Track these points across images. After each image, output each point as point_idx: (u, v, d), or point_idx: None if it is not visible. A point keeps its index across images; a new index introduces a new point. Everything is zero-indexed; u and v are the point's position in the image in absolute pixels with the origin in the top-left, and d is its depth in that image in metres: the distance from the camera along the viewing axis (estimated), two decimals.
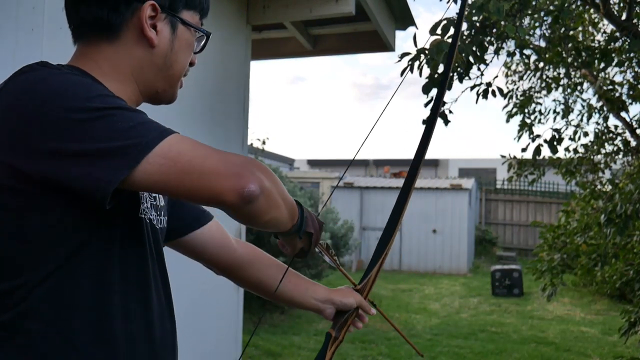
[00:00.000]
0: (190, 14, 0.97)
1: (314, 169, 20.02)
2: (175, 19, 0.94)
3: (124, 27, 0.90)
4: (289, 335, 5.84)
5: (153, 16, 0.91)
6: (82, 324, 0.82)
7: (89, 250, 0.82)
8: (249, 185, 0.76)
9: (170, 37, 0.94)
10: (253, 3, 3.02)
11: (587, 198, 4.16)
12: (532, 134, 4.33)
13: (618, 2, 4.07)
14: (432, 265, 11.16)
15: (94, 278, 0.83)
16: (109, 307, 0.84)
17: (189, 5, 0.96)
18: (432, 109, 1.29)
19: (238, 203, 0.77)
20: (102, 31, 0.90)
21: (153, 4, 0.90)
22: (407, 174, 1.22)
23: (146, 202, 0.94)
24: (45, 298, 0.80)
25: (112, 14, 0.89)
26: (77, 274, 0.82)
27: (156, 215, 0.98)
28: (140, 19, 0.90)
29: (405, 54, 2.77)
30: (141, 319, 0.88)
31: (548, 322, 7.06)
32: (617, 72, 4.80)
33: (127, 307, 0.86)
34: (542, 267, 4.28)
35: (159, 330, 0.92)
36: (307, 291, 1.20)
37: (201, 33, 0.99)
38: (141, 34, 0.91)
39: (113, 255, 0.85)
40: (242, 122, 3.11)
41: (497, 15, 2.43)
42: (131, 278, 0.88)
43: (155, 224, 0.97)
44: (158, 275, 0.95)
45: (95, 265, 0.83)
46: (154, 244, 0.94)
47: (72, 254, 0.81)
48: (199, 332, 2.67)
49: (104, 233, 0.84)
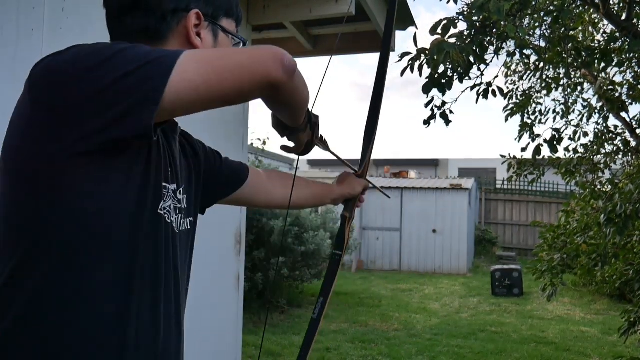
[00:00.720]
0: (229, 22, 1.02)
1: (314, 169, 20.02)
2: (217, 27, 0.99)
3: (170, 34, 0.94)
4: (289, 335, 5.84)
5: (197, 24, 0.95)
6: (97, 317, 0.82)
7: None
8: (285, 57, 0.82)
9: (213, 44, 0.98)
10: (253, 3, 3.02)
11: (587, 198, 4.15)
12: (533, 134, 4.34)
13: (618, 2, 4.07)
14: (432, 265, 11.16)
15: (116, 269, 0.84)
16: (125, 304, 0.84)
17: (228, 14, 1.02)
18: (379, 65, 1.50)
19: (285, 76, 0.81)
20: (149, 38, 0.92)
21: (198, 13, 0.95)
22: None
23: (167, 200, 0.93)
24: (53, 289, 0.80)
25: (160, 23, 0.92)
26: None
27: (177, 218, 0.97)
28: (186, 27, 0.94)
29: (405, 54, 2.77)
30: (147, 319, 0.88)
31: (548, 322, 7.06)
32: (617, 72, 4.80)
33: (139, 305, 0.86)
34: (542, 267, 4.27)
35: (163, 333, 0.91)
36: (326, 195, 1.43)
37: (238, 40, 1.04)
38: (186, 40, 0.94)
39: (131, 248, 0.85)
40: (242, 122, 3.11)
41: (498, 16, 2.43)
42: (146, 275, 0.87)
43: (175, 227, 0.95)
44: (171, 278, 0.94)
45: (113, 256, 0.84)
46: (169, 244, 0.93)
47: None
48: (199, 332, 2.67)
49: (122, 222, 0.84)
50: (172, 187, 0.95)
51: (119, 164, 0.82)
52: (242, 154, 3.08)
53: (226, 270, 2.91)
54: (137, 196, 0.85)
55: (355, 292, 8.61)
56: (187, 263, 1.04)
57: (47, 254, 0.80)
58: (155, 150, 0.90)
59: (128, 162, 0.84)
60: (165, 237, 0.91)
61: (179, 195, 0.99)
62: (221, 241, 2.87)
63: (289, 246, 6.44)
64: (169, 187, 0.94)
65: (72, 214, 0.80)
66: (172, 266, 0.94)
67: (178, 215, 0.98)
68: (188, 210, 1.04)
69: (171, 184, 0.95)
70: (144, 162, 0.87)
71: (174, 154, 1.00)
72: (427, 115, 3.30)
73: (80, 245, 0.81)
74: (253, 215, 6.35)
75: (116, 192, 0.83)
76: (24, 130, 0.81)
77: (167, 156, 0.96)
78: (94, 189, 0.80)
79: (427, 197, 11.20)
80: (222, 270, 2.88)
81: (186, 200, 1.02)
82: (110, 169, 0.81)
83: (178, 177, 0.99)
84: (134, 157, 0.85)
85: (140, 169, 0.86)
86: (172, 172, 0.96)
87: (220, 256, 2.86)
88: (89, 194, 0.80)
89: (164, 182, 0.92)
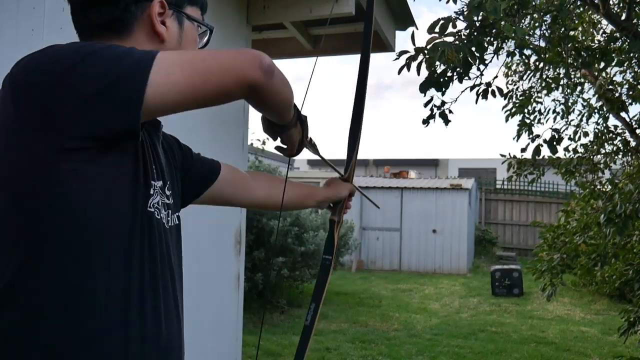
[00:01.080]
0: (193, 9, 1.02)
1: (314, 169, 20.03)
2: (182, 14, 0.98)
3: (135, 24, 0.94)
4: (289, 335, 5.84)
5: (162, 13, 0.95)
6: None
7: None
8: (263, 59, 0.84)
9: (178, 32, 0.98)
10: (253, 3, 3.02)
11: (586, 198, 4.15)
12: (532, 134, 4.33)
13: (618, 3, 4.07)
14: (432, 265, 11.16)
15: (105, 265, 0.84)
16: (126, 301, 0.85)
17: (192, 1, 1.01)
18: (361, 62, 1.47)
19: (263, 76, 0.84)
20: (114, 30, 0.93)
21: (161, 1, 0.95)
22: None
23: (155, 197, 0.94)
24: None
25: (123, 13, 0.92)
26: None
27: (166, 214, 0.98)
28: (150, 16, 0.94)
29: (403, 52, 2.77)
30: (149, 316, 0.88)
31: (548, 322, 7.06)
32: (617, 72, 4.80)
33: (140, 302, 0.86)
34: (541, 267, 4.27)
35: (165, 329, 0.91)
36: (310, 197, 1.43)
37: (204, 28, 1.04)
38: (151, 30, 0.94)
39: (126, 245, 0.85)
40: (242, 122, 3.11)
41: (494, 15, 2.43)
42: (144, 271, 0.88)
43: (164, 223, 0.96)
44: (167, 274, 0.94)
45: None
46: (162, 240, 0.94)
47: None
48: (199, 332, 2.67)
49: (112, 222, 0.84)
50: (159, 183, 0.96)
51: (107, 164, 0.82)
52: (242, 154, 3.08)
53: (226, 270, 2.91)
54: (128, 194, 0.86)
55: (355, 292, 8.61)
56: (179, 258, 1.04)
57: (42, 256, 0.80)
58: (141, 149, 0.91)
59: (116, 162, 0.84)
60: (158, 234, 0.92)
61: (167, 192, 1.00)
62: (221, 241, 2.87)
63: (288, 246, 6.44)
64: (156, 184, 0.95)
65: (61, 214, 0.80)
66: (167, 262, 0.94)
67: (167, 211, 0.98)
68: (175, 206, 1.05)
69: (157, 181, 0.96)
70: (132, 162, 0.88)
71: (157, 151, 1.01)
72: (426, 115, 3.30)
73: (74, 245, 0.81)
74: (253, 215, 6.35)
75: (107, 191, 0.83)
76: (7, 131, 0.81)
77: (152, 153, 0.97)
78: (81, 188, 0.80)
79: (427, 197, 11.20)
80: (222, 270, 2.88)
81: (172, 195, 1.03)
82: (99, 168, 0.81)
83: (163, 174, 1.00)
84: (121, 156, 0.85)
85: (129, 169, 0.87)
86: (156, 169, 0.97)
87: (220, 256, 2.86)
88: (76, 193, 0.80)
89: (151, 180, 0.92)
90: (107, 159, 0.82)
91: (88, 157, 0.80)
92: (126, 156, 0.86)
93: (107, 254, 0.83)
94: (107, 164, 0.82)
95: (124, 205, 0.85)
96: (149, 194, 0.91)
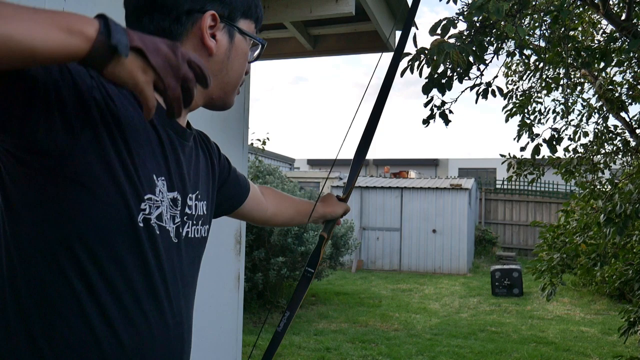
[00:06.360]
0: (247, 23, 0.99)
1: (314, 169, 20.03)
2: (233, 28, 0.96)
3: (185, 36, 0.92)
4: (289, 335, 5.84)
5: (212, 25, 0.93)
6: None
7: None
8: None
9: (228, 46, 0.95)
10: None
11: (586, 198, 4.16)
12: (532, 134, 4.34)
13: (618, 3, 4.07)
14: (432, 265, 11.16)
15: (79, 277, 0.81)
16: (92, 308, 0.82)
17: (246, 14, 0.98)
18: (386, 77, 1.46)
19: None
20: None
21: (213, 14, 0.92)
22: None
23: (154, 211, 0.88)
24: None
25: (174, 24, 0.91)
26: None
27: (175, 227, 0.93)
28: (200, 29, 0.92)
29: (405, 54, 2.77)
30: (143, 327, 0.86)
31: (548, 321, 7.06)
32: (617, 72, 4.80)
33: (126, 312, 0.84)
34: (541, 267, 4.28)
35: (169, 342, 0.90)
36: (308, 213, 1.47)
37: (256, 42, 1.01)
38: (201, 42, 0.92)
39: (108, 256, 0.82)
40: (242, 122, 3.11)
41: (497, 16, 2.44)
42: (135, 285, 0.85)
43: (172, 235, 0.92)
44: (173, 286, 0.91)
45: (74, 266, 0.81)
46: (159, 254, 0.88)
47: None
48: (199, 332, 2.67)
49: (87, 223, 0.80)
50: (171, 195, 0.91)
51: (68, 173, 0.78)
52: (242, 154, 3.08)
53: (226, 270, 2.91)
54: (109, 208, 0.81)
55: (355, 292, 8.61)
56: (193, 270, 1.02)
57: (27, 262, 0.80)
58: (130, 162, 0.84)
59: (81, 171, 0.79)
60: (154, 247, 0.87)
61: (190, 202, 0.96)
62: (221, 241, 2.87)
63: (288, 246, 6.44)
64: (166, 194, 0.90)
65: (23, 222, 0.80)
66: (172, 274, 0.91)
67: (185, 222, 0.95)
68: (205, 217, 1.02)
69: (170, 192, 0.91)
70: (110, 177, 0.81)
71: (179, 158, 0.95)
72: (427, 115, 3.30)
73: (52, 253, 0.80)
74: None
75: (78, 204, 0.79)
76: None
77: (184, 162, 0.95)
78: (39, 200, 0.79)
79: (427, 197, 11.20)
80: (222, 270, 2.88)
81: (205, 206, 1.01)
82: (58, 177, 0.78)
83: (185, 183, 0.95)
84: (84, 166, 0.79)
85: (107, 183, 0.81)
86: (181, 179, 0.94)
87: (220, 256, 2.86)
88: (34, 204, 0.79)
89: (149, 194, 0.86)
90: (66, 168, 0.78)
91: (30, 159, 0.77)
92: (97, 169, 0.80)
93: (89, 264, 0.81)
94: (67, 174, 0.78)
95: (100, 221, 0.81)
96: (138, 209, 0.85)
